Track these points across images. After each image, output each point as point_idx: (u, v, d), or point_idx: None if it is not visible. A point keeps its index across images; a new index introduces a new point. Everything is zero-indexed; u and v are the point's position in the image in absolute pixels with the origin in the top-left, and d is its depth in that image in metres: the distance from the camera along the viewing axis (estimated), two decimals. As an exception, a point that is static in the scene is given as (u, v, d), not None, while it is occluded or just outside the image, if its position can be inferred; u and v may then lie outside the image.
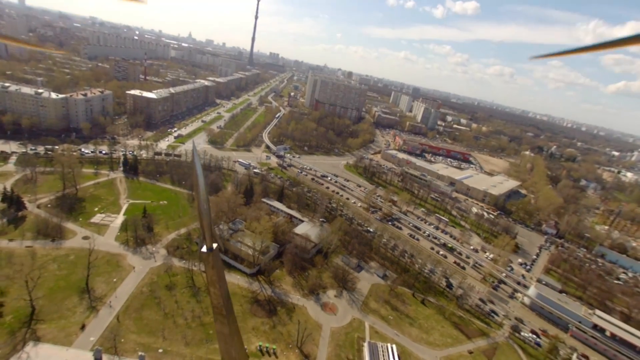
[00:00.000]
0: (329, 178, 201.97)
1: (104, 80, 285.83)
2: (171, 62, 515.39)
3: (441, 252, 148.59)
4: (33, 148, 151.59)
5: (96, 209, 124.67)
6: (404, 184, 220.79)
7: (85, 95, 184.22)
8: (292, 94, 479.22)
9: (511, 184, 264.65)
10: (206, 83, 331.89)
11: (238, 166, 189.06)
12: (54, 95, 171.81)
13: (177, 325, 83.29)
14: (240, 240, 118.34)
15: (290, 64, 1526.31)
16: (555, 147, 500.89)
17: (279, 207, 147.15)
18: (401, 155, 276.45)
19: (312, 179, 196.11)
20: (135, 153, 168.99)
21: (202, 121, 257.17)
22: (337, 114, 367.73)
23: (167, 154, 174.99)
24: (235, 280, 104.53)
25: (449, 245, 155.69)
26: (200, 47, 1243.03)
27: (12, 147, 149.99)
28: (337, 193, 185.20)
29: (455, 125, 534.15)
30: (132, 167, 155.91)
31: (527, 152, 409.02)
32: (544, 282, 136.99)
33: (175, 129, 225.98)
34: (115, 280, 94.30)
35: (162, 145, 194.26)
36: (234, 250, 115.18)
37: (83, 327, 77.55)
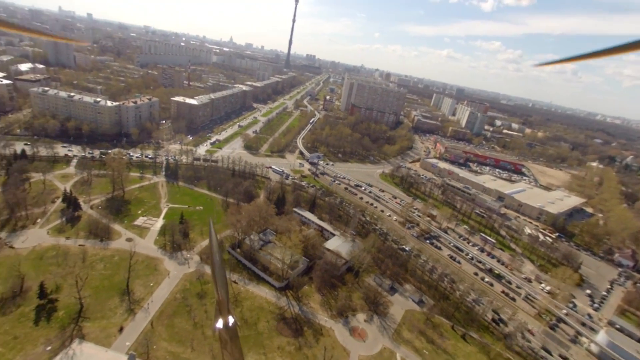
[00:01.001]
0: (363, 188, 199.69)
1: (152, 87, 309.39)
2: (213, 67, 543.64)
3: (487, 279, 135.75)
4: (90, 152, 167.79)
5: (140, 212, 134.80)
6: (444, 197, 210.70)
7: (135, 102, 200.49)
8: (327, 97, 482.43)
9: (573, 200, 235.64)
10: (244, 88, 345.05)
11: (271, 173, 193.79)
12: (109, 103, 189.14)
13: (205, 337, 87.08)
14: (270, 253, 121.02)
15: (326, 65, 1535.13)
16: (631, 157, 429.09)
17: (311, 218, 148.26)
18: (442, 165, 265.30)
19: (346, 189, 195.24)
20: (176, 158, 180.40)
21: (239, 126, 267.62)
22: (374, 118, 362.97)
23: (204, 160, 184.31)
24: (263, 293, 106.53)
25: (496, 271, 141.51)
26: (240, 50, 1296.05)
27: (74, 150, 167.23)
28: (372, 204, 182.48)
29: (505, 131, 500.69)
30: (172, 172, 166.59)
31: (595, 163, 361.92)
32: (617, 327, 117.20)
33: (214, 134, 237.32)
34: (152, 284, 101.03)
35: (201, 150, 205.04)
36: (264, 262, 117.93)
37: (121, 330, 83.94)
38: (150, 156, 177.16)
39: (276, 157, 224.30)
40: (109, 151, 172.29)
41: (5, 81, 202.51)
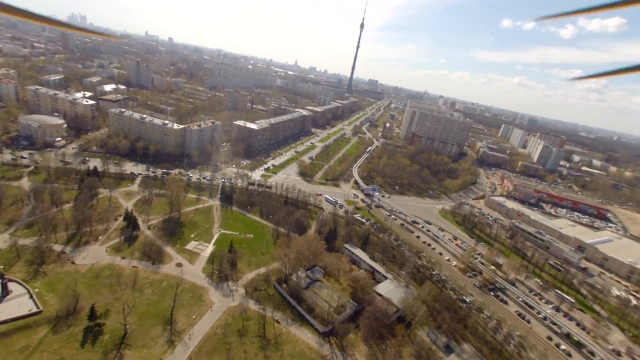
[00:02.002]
0: (421, 225, 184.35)
1: (217, 109, 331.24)
2: (276, 91, 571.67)
3: (563, 347, 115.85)
4: (154, 171, 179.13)
5: (192, 236, 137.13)
6: (513, 243, 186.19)
7: (199, 125, 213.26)
8: (387, 124, 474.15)
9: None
10: (304, 112, 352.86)
11: (324, 202, 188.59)
12: (175, 126, 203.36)
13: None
14: (317, 293, 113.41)
15: (388, 91, 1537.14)
16: None
17: (362, 256, 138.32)
18: (510, 204, 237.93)
19: (402, 225, 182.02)
20: (232, 181, 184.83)
21: (296, 151, 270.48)
22: (435, 149, 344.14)
23: (259, 185, 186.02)
24: (305, 337, 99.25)
25: (575, 338, 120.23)
26: (304, 74, 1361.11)
27: (139, 169, 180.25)
28: (429, 245, 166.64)
29: (584, 168, 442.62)
30: (227, 196, 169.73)
31: None
32: None
33: (270, 158, 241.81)
34: (194, 316, 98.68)
35: (257, 174, 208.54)
36: (309, 302, 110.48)
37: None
38: (207, 178, 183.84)
39: (330, 185, 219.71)
40: (171, 171, 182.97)
41: (90, 102, 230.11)
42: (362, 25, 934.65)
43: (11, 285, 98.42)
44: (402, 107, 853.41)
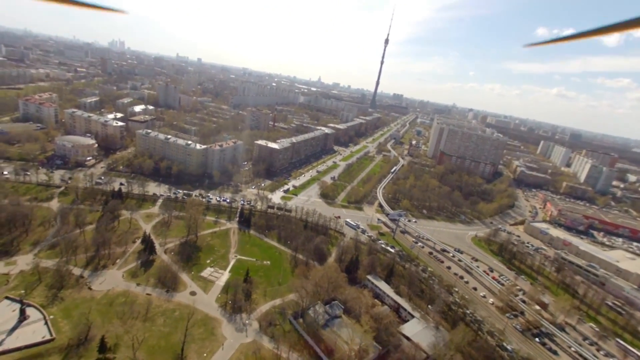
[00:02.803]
0: (452, 255, 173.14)
1: (240, 127, 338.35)
2: (298, 108, 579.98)
3: None
4: (175, 192, 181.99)
5: (208, 261, 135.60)
6: (560, 278, 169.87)
7: (221, 145, 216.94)
8: (413, 141, 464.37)
9: None
10: (326, 130, 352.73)
11: (346, 227, 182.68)
12: (198, 146, 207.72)
13: None
14: (336, 332, 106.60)
15: (413, 105, 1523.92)
16: None
17: (386, 290, 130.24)
18: (555, 232, 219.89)
19: (430, 254, 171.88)
20: (251, 202, 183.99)
21: (317, 171, 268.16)
22: (466, 168, 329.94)
23: (278, 208, 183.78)
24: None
25: None
26: (327, 90, 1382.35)
27: (162, 190, 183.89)
28: (461, 278, 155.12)
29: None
30: (246, 219, 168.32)
31: None
32: None
33: (291, 178, 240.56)
34: (205, 354, 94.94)
35: (277, 195, 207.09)
36: (328, 342, 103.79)
37: (163, 413, 77.45)
38: (227, 200, 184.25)
39: (353, 208, 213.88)
40: (192, 193, 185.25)
41: (119, 123, 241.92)
42: (386, 41, 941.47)
43: (29, 311, 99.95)
44: (429, 122, 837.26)
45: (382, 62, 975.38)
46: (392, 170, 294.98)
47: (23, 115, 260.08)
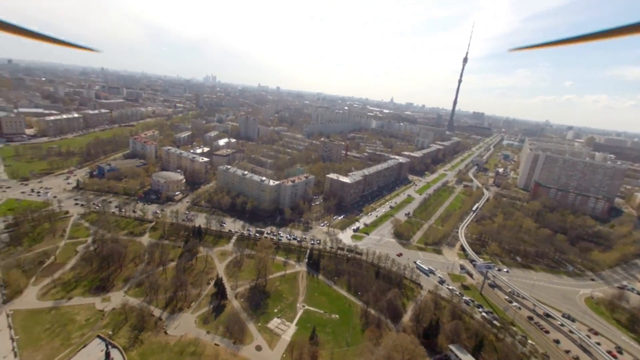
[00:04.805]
0: (559, 322, 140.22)
1: (313, 156, 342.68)
2: (371, 134, 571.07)
3: None
4: (249, 229, 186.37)
5: (275, 310, 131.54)
6: None
7: (293, 181, 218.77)
8: (499, 169, 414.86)
9: None
10: (400, 160, 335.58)
11: (424, 277, 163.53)
12: (271, 182, 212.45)
13: None
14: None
15: (497, 124, 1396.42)
16: None
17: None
18: None
19: (529, 318, 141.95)
20: (320, 242, 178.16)
21: (390, 205, 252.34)
22: (570, 204, 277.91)
23: (348, 249, 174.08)
24: None
25: None
26: (400, 111, 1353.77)
27: (236, 226, 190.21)
28: (576, 359, 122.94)
29: None
30: (314, 262, 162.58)
31: None
32: None
33: (363, 214, 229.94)
34: None
35: (347, 234, 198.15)
36: None
37: None
38: (297, 239, 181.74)
39: (431, 251, 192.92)
40: (263, 230, 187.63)
41: (204, 159, 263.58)
42: (465, 60, 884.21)
43: (113, 353, 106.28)
44: (518, 145, 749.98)
45: (459, 81, 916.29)
46: (475, 206, 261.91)
47: (132, 152, 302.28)
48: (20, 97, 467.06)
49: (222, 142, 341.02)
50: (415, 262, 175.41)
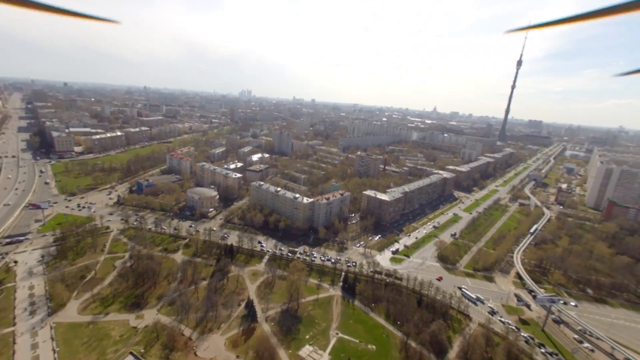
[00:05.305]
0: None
1: (349, 171, 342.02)
2: (412, 146, 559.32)
3: None
4: (281, 249, 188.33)
5: (307, 337, 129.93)
6: None
7: (327, 199, 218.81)
8: (562, 184, 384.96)
9: None
10: (444, 175, 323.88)
11: (473, 308, 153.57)
12: (305, 200, 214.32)
13: None
14: None
15: (558, 131, 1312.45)
16: None
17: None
18: None
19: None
20: (356, 265, 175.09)
21: (434, 225, 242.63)
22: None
23: (387, 274, 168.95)
24: None
25: None
26: (443, 121, 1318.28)
27: (269, 244, 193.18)
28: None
29: None
30: (350, 286, 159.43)
31: None
32: None
33: (403, 234, 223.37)
34: None
35: (385, 256, 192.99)
36: None
37: None
38: (332, 260, 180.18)
39: (481, 278, 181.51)
40: (296, 250, 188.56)
41: (238, 175, 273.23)
42: (519, 63, 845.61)
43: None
44: (584, 155, 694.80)
45: (513, 87, 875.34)
46: (534, 230, 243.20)
47: (168, 167, 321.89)
48: (71, 117, 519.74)
49: (255, 157, 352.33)
50: (460, 288, 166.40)
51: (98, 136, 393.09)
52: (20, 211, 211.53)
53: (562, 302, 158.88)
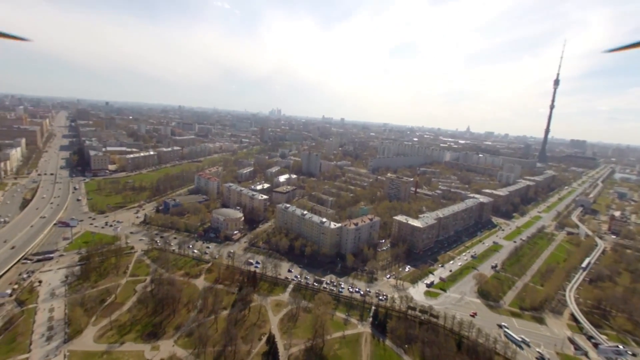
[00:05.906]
0: None
1: (379, 194, 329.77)
2: (444, 168, 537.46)
3: None
4: (306, 277, 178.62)
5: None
6: None
7: (356, 224, 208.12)
8: (615, 212, 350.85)
9: None
10: (480, 199, 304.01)
11: (520, 353, 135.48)
12: (332, 225, 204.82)
13: None
14: None
15: (604, 152, 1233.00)
16: None
17: None
18: None
19: None
20: (387, 298, 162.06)
21: (472, 255, 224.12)
22: None
23: (421, 310, 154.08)
24: None
25: None
26: (478, 141, 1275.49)
27: (294, 271, 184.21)
28: None
29: None
30: (380, 323, 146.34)
31: None
32: None
33: (438, 263, 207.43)
34: None
35: (419, 289, 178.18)
36: None
37: None
38: (360, 292, 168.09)
39: (528, 318, 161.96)
40: (323, 279, 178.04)
41: (263, 196, 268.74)
42: (556, 82, 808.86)
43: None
44: (637, 179, 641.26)
45: (552, 107, 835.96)
46: (587, 262, 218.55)
47: (196, 187, 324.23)
48: (109, 136, 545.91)
49: (282, 178, 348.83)
50: (501, 327, 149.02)
51: (132, 155, 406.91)
52: (51, 228, 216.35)
53: (630, 353, 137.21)
